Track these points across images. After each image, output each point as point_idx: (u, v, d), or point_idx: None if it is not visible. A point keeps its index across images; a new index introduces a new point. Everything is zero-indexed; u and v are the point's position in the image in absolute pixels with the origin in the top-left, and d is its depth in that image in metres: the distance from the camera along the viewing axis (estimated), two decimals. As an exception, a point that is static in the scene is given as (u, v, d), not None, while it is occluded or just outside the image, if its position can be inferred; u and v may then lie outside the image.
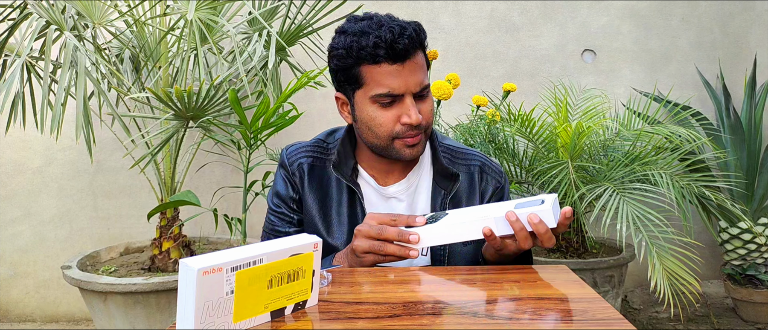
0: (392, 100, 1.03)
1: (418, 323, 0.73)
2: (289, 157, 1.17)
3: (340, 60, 1.04)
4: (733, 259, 2.70)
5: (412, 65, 1.03)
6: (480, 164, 1.18)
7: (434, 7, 2.95)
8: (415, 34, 1.02)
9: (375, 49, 1.00)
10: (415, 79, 1.03)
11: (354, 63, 1.03)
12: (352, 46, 1.01)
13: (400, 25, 1.02)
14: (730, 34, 3.03)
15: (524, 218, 0.92)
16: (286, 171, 1.17)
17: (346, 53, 1.03)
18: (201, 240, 2.69)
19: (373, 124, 1.05)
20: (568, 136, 2.19)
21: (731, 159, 2.78)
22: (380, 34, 0.99)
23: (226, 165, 2.86)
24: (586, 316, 0.74)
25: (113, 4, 2.24)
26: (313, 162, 1.16)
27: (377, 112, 1.04)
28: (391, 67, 1.01)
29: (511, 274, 0.95)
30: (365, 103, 1.05)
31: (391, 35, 0.99)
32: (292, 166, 1.16)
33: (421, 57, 1.06)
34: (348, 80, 1.06)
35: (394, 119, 1.04)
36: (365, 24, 1.02)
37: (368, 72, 1.03)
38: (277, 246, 0.74)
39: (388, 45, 0.99)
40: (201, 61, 2.13)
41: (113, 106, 2.20)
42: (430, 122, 1.08)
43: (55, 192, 2.85)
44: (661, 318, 2.73)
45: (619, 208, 2.01)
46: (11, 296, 2.88)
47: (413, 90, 1.03)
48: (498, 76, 2.98)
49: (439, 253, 1.12)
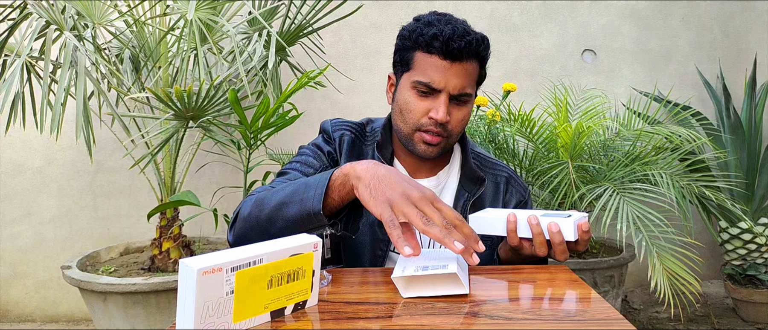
0: (429, 91, 1.06)
1: (418, 323, 0.73)
2: (334, 126, 1.19)
3: (402, 41, 1.10)
4: (734, 259, 2.70)
5: (460, 68, 1.05)
6: (507, 176, 1.22)
7: (434, 7, 2.95)
8: (474, 43, 1.05)
9: (432, 39, 1.04)
10: (458, 82, 1.05)
11: (411, 47, 1.07)
12: (415, 31, 1.06)
13: (466, 29, 1.05)
14: (730, 34, 3.03)
15: (545, 225, 0.95)
16: (328, 136, 1.19)
17: (408, 35, 1.08)
18: (201, 240, 2.69)
19: (405, 109, 1.09)
20: (568, 136, 2.19)
21: (731, 159, 2.78)
22: (443, 29, 1.03)
23: (226, 165, 2.86)
24: (586, 316, 0.74)
25: (113, 4, 2.24)
26: (354, 139, 1.18)
27: (412, 98, 1.08)
28: (440, 62, 1.05)
29: (511, 274, 0.95)
30: (406, 87, 1.09)
31: (452, 33, 1.03)
32: (335, 133, 1.18)
33: (473, 66, 1.08)
34: (402, 62, 1.10)
35: (424, 110, 1.07)
36: (437, 17, 1.07)
37: (419, 59, 1.07)
38: (277, 246, 0.74)
39: (445, 40, 1.03)
40: (201, 61, 2.13)
41: (113, 106, 2.20)
42: (457, 129, 1.10)
43: (55, 192, 2.86)
44: (661, 318, 2.73)
45: (619, 208, 2.01)
46: (11, 296, 2.88)
47: (452, 91, 1.06)
48: (498, 76, 2.98)
49: None
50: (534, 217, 0.95)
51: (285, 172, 1.14)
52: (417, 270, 0.81)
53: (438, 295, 0.81)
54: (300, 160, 1.15)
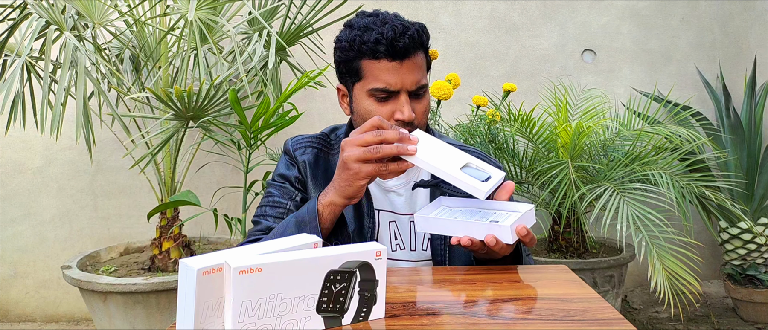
0: (388, 95, 1.06)
1: (418, 323, 0.73)
2: (294, 145, 1.19)
3: (343, 52, 1.08)
4: (733, 259, 2.70)
5: (410, 64, 1.05)
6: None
7: (434, 7, 2.95)
8: (417, 35, 1.05)
9: (376, 44, 1.03)
10: (412, 78, 1.06)
11: (355, 56, 1.06)
12: (355, 39, 1.05)
13: (404, 24, 1.05)
14: (730, 34, 3.03)
15: (483, 235, 0.92)
16: (290, 157, 1.18)
17: (349, 46, 1.06)
18: (201, 240, 2.69)
19: (368, 117, 1.07)
20: (568, 136, 2.19)
21: (731, 159, 2.78)
22: (383, 31, 1.03)
23: (226, 165, 2.86)
24: (586, 316, 0.74)
25: (113, 4, 2.24)
26: (317, 154, 1.18)
27: (373, 105, 1.07)
28: (389, 64, 1.04)
29: (511, 274, 0.95)
30: (362, 97, 1.08)
31: (393, 33, 1.02)
32: (297, 152, 1.18)
33: (421, 57, 1.08)
34: (349, 72, 1.09)
35: (388, 114, 1.07)
36: (370, 20, 1.06)
37: (368, 66, 1.06)
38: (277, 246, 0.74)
39: (388, 42, 1.02)
40: (201, 61, 2.13)
41: (113, 106, 2.20)
42: (423, 122, 1.10)
43: (55, 192, 2.85)
44: (661, 318, 2.73)
45: (619, 208, 2.01)
46: (11, 296, 2.88)
47: (409, 88, 1.06)
48: (498, 76, 2.98)
49: (440, 251, 1.12)
50: (467, 238, 0.93)
51: (257, 221, 1.14)
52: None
53: None
54: (269, 202, 1.15)
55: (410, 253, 1.14)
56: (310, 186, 1.15)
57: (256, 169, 2.26)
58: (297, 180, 1.16)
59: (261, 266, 0.66)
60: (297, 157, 1.17)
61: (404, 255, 1.14)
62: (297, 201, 1.15)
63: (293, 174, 1.16)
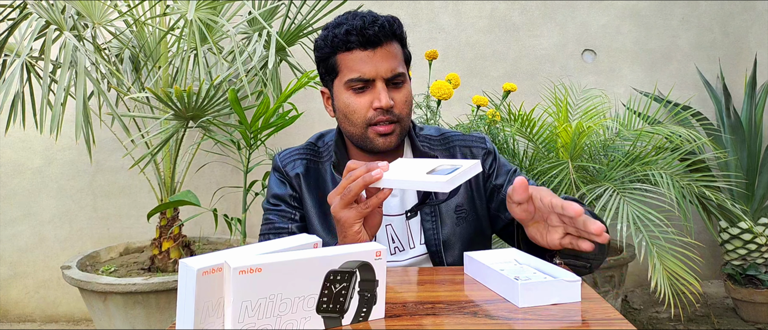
0: (364, 85, 1.07)
1: (418, 323, 0.73)
2: (283, 161, 1.18)
3: (320, 51, 1.11)
4: (734, 259, 2.70)
5: (384, 52, 1.07)
6: (459, 142, 1.20)
7: (434, 7, 2.95)
8: (387, 24, 1.07)
9: (347, 35, 1.05)
10: (387, 66, 1.06)
11: (330, 52, 1.09)
12: (328, 36, 1.08)
13: (373, 16, 1.07)
14: (730, 34, 3.03)
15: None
16: (281, 173, 1.18)
17: (323, 44, 1.09)
18: (201, 240, 2.69)
19: (348, 111, 1.09)
20: (568, 136, 2.19)
21: (731, 159, 2.78)
22: (353, 23, 1.06)
23: (226, 165, 2.86)
24: (586, 316, 0.74)
25: (113, 4, 2.24)
26: (307, 164, 1.17)
27: (351, 98, 1.08)
28: (362, 53, 1.06)
29: (511, 274, 0.95)
30: (341, 91, 1.10)
31: (362, 23, 1.05)
32: (286, 167, 1.17)
33: (395, 47, 1.09)
34: (327, 71, 1.12)
35: (367, 105, 1.07)
36: (342, 17, 1.09)
37: (342, 59, 1.08)
38: (277, 246, 0.74)
39: (358, 31, 1.05)
40: (201, 61, 2.13)
41: (113, 106, 2.20)
42: (404, 112, 1.10)
43: (55, 192, 2.85)
44: (661, 318, 2.73)
45: (620, 208, 2.01)
46: (11, 296, 2.88)
47: (384, 75, 1.06)
48: (498, 76, 2.98)
49: (433, 244, 1.13)
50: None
51: (267, 231, 1.14)
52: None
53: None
54: (270, 230, 1.14)
55: (409, 251, 1.14)
56: (306, 198, 1.15)
57: (256, 169, 2.26)
58: (292, 197, 1.16)
59: (261, 266, 0.65)
60: (288, 172, 1.16)
61: (403, 256, 1.14)
62: (297, 221, 1.15)
63: (287, 192, 1.16)
